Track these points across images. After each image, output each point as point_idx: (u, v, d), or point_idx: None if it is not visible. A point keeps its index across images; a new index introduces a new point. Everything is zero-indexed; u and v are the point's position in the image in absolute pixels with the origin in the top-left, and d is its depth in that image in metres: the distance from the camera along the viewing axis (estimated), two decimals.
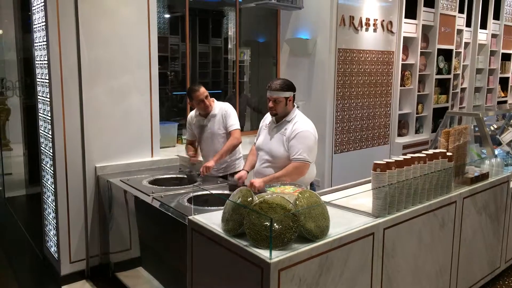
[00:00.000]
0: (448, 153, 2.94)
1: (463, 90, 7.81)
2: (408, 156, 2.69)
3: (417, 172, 2.71)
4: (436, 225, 2.90)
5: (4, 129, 7.65)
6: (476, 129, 4.14)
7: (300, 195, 2.19)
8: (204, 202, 2.97)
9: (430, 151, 2.87)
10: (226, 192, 3.14)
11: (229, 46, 7.99)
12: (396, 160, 2.57)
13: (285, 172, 3.04)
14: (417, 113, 6.56)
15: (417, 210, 2.71)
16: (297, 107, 3.25)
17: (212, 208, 2.68)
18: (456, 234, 3.11)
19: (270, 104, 3.12)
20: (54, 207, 3.68)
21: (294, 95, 3.17)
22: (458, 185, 3.20)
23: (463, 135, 3.16)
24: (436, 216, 2.88)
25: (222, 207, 2.35)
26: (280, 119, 3.19)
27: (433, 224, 2.87)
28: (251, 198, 2.18)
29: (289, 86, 3.12)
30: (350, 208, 2.62)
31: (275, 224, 2.00)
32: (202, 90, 3.68)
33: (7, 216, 5.54)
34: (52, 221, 3.78)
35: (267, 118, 3.35)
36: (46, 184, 3.88)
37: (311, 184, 3.30)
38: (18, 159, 6.67)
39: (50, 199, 3.81)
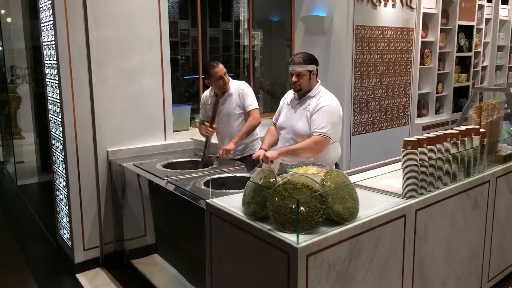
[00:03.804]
0: (481, 130, 2.75)
1: (484, 68, 7.54)
2: (440, 132, 2.51)
3: (450, 150, 2.52)
4: (469, 206, 2.72)
5: (15, 117, 7.59)
6: (505, 105, 3.91)
7: (326, 175, 2.03)
8: (222, 185, 2.82)
9: (463, 127, 2.68)
10: (245, 174, 2.99)
11: (240, 30, 7.79)
12: (427, 137, 2.40)
13: (304, 145, 2.86)
14: (437, 93, 6.32)
15: (450, 191, 2.53)
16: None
17: (230, 191, 2.54)
18: (489, 216, 2.93)
19: (294, 78, 2.94)
20: (66, 193, 3.58)
21: (317, 69, 2.99)
22: (490, 164, 3.00)
23: (496, 110, 2.96)
24: (469, 197, 2.70)
25: (240, 190, 2.21)
26: (304, 95, 3.01)
27: (466, 205, 2.69)
28: (274, 179, 2.03)
29: (312, 59, 2.95)
30: (378, 189, 2.46)
31: (301, 206, 1.85)
32: (221, 66, 3.54)
33: (19, 204, 5.48)
34: (65, 208, 3.68)
35: (289, 95, 3.18)
36: (58, 170, 3.77)
37: (336, 165, 3.13)
38: (30, 147, 6.63)
39: (61, 185, 3.70)
